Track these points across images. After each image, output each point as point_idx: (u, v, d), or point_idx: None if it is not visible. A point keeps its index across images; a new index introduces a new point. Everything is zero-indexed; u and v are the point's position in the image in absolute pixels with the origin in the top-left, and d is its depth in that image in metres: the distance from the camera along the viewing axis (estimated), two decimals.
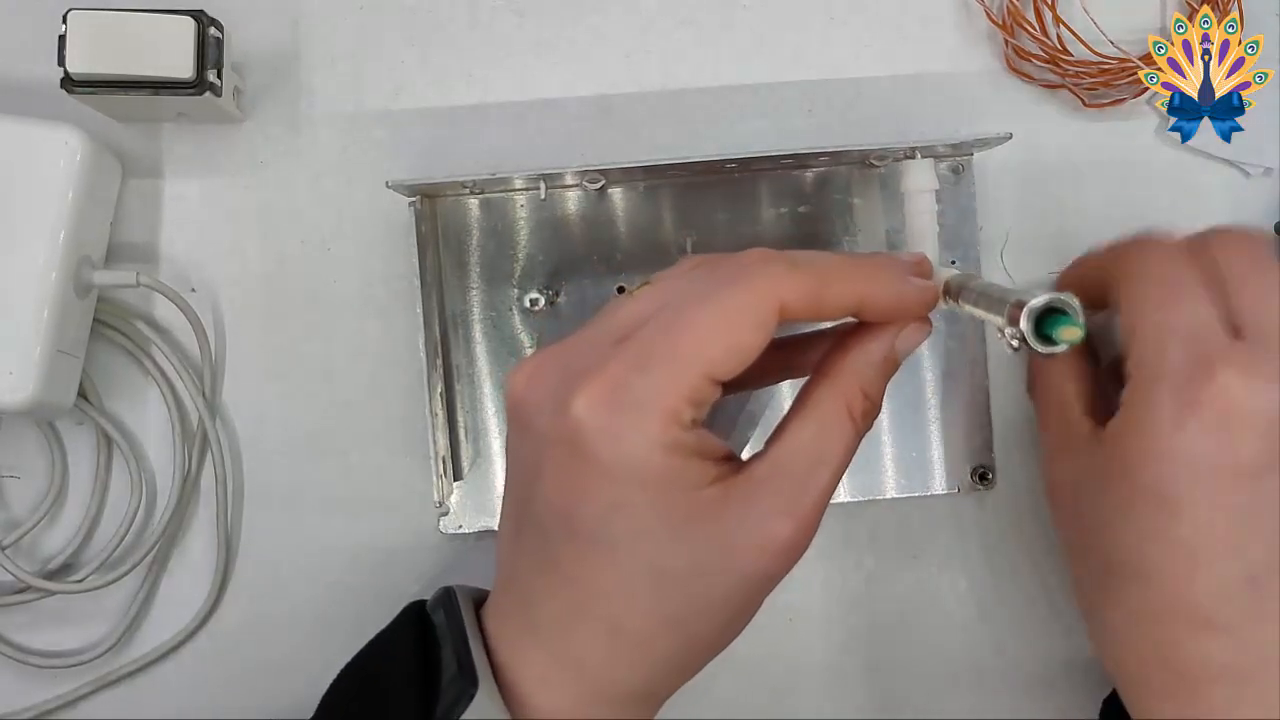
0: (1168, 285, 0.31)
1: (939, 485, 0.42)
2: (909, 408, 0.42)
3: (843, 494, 0.42)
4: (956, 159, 0.41)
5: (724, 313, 0.27)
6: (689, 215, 0.42)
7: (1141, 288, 0.31)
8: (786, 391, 0.41)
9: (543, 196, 0.41)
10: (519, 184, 0.41)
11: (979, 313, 0.30)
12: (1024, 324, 0.27)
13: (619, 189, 0.41)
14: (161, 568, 0.43)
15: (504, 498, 0.32)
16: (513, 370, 0.30)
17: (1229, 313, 0.30)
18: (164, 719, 0.43)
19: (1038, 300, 0.27)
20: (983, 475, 0.42)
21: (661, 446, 0.27)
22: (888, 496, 0.42)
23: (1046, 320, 0.27)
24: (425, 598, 0.34)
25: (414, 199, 0.40)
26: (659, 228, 0.42)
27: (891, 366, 0.30)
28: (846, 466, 0.30)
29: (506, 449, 0.32)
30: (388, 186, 0.38)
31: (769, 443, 0.30)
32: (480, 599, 0.33)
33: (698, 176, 0.41)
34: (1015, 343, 0.28)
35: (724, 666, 0.42)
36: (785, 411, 0.31)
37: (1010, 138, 0.39)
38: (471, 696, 0.29)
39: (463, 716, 0.28)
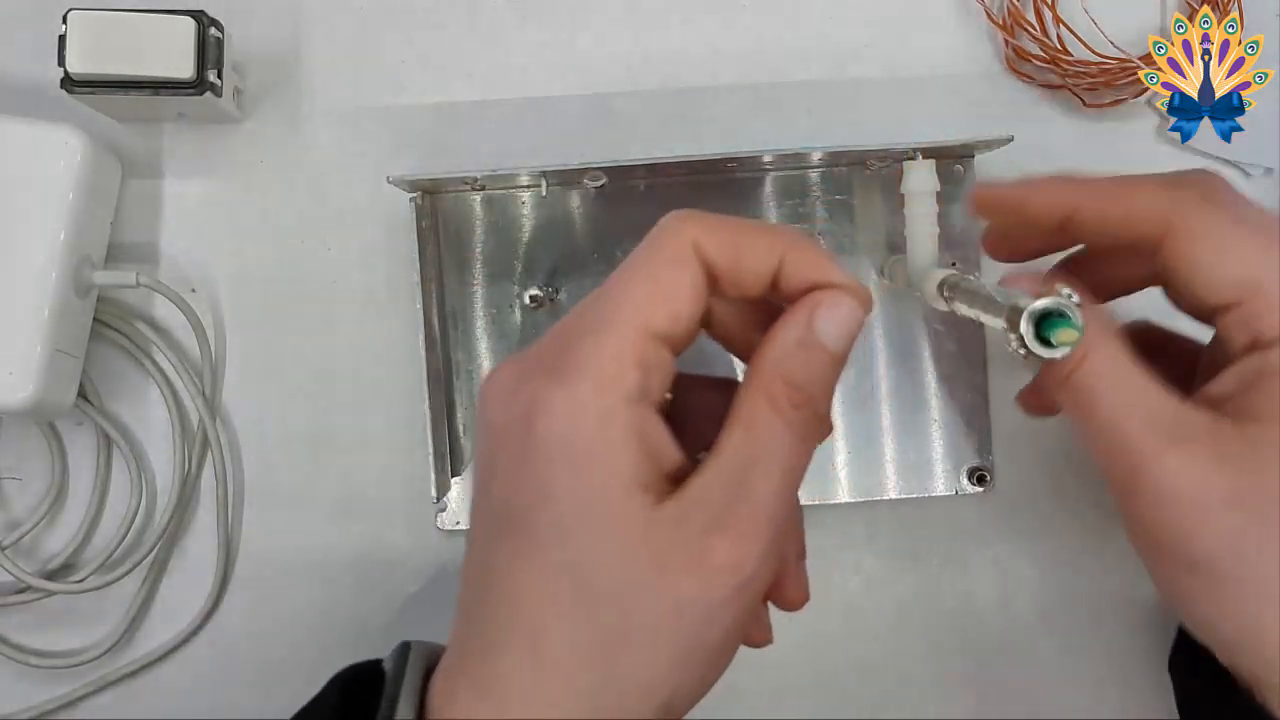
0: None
1: (938, 487, 0.42)
2: (909, 409, 0.42)
3: (842, 494, 0.42)
4: (958, 160, 0.41)
5: (641, 262, 0.26)
6: None
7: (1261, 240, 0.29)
8: None
9: (544, 193, 0.41)
10: (521, 181, 0.41)
11: (975, 314, 0.30)
12: (1024, 327, 0.26)
13: (620, 187, 0.41)
14: (161, 568, 0.43)
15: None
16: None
17: None
18: (164, 719, 0.43)
19: (1037, 305, 0.26)
20: (980, 478, 0.42)
21: (595, 415, 0.25)
22: (887, 498, 0.42)
23: (1043, 323, 0.26)
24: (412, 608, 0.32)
25: (414, 195, 0.40)
26: None
27: (821, 354, 0.27)
28: (792, 468, 0.27)
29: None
30: (389, 182, 0.38)
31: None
32: (439, 656, 0.29)
33: (699, 175, 0.41)
34: (1022, 352, 0.27)
35: None
36: None
37: (1012, 140, 0.39)
38: None
39: None
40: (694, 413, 0.29)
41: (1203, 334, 0.33)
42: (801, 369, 0.27)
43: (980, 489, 0.42)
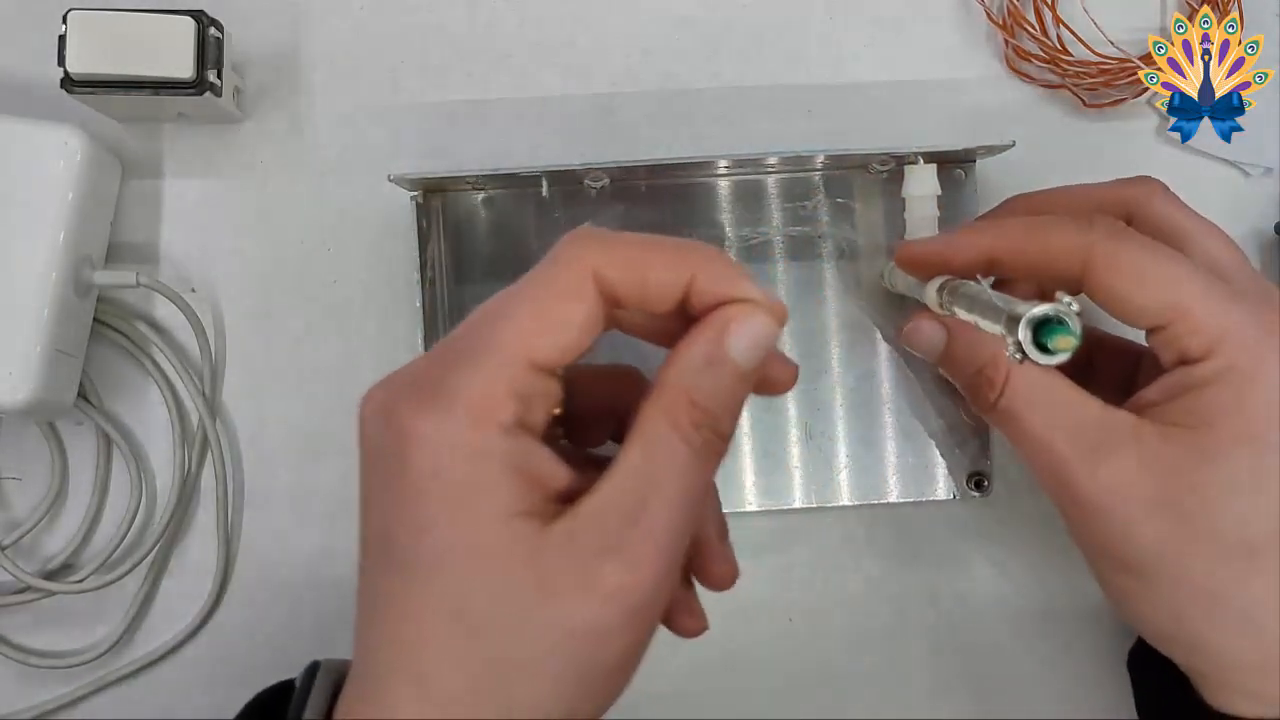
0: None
1: (938, 491, 0.42)
2: (910, 414, 0.42)
3: (843, 498, 0.42)
4: (959, 165, 0.41)
5: (534, 288, 0.25)
6: (692, 215, 0.41)
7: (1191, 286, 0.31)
8: None
9: (545, 194, 0.41)
10: (522, 181, 0.41)
11: (974, 319, 0.29)
12: (1022, 334, 0.25)
13: (622, 188, 0.41)
14: (161, 568, 0.43)
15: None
16: None
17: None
18: (164, 719, 0.43)
19: (1035, 311, 0.25)
20: (979, 482, 0.42)
21: (468, 450, 0.24)
22: (887, 501, 0.42)
23: (1041, 329, 0.26)
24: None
25: (415, 194, 0.40)
26: (661, 228, 0.41)
27: (730, 371, 0.26)
28: (691, 489, 0.25)
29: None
30: (390, 180, 0.38)
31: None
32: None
33: (701, 177, 0.41)
34: (1019, 356, 0.26)
35: (724, 666, 0.42)
36: None
37: (1014, 145, 0.38)
38: None
39: None
40: (586, 407, 0.29)
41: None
42: (708, 387, 0.25)
43: (979, 494, 0.42)
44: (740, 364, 0.26)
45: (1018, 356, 0.26)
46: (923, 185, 0.37)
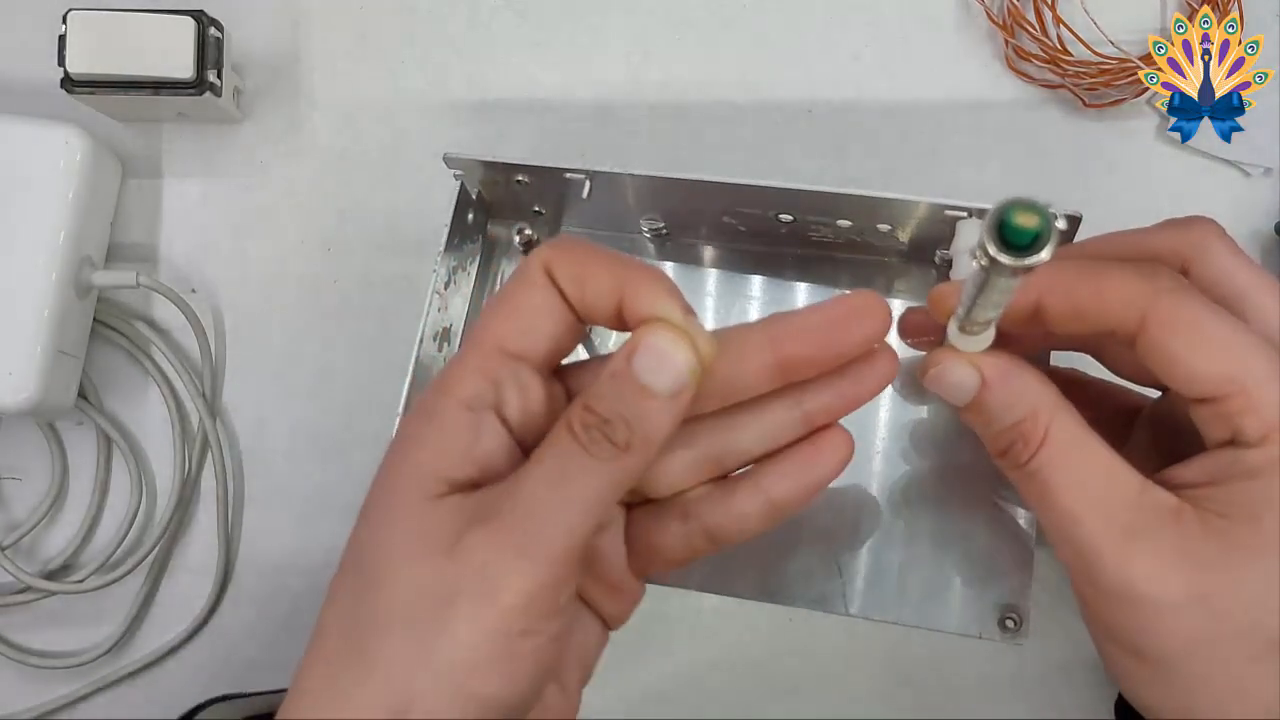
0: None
1: (955, 623, 0.36)
2: (942, 523, 0.36)
3: (848, 608, 0.36)
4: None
5: (504, 289, 0.28)
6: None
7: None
8: None
9: (586, 194, 0.36)
10: (572, 174, 0.36)
11: (973, 294, 0.26)
12: (987, 228, 0.22)
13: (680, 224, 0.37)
14: (161, 568, 0.43)
15: None
16: None
17: None
18: (163, 719, 0.43)
19: (1005, 199, 0.22)
20: (1011, 621, 0.35)
21: (426, 411, 0.26)
22: (898, 624, 0.36)
23: (1007, 221, 0.22)
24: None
25: (466, 176, 0.36)
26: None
27: (631, 387, 0.25)
28: (598, 496, 0.26)
29: None
30: (445, 159, 0.35)
31: None
32: None
33: (771, 248, 0.37)
34: (985, 262, 0.23)
35: (724, 666, 0.42)
36: None
37: (1080, 219, 0.34)
38: None
39: None
40: None
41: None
42: (606, 396, 0.26)
43: (1008, 636, 0.35)
44: (647, 384, 0.25)
45: (984, 262, 0.23)
46: (972, 241, 0.31)
